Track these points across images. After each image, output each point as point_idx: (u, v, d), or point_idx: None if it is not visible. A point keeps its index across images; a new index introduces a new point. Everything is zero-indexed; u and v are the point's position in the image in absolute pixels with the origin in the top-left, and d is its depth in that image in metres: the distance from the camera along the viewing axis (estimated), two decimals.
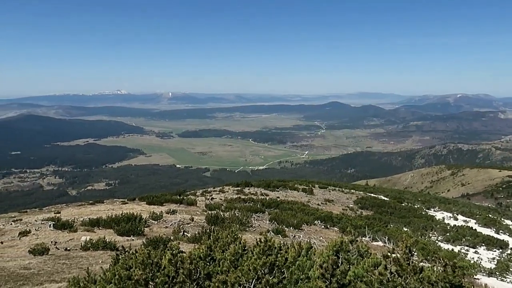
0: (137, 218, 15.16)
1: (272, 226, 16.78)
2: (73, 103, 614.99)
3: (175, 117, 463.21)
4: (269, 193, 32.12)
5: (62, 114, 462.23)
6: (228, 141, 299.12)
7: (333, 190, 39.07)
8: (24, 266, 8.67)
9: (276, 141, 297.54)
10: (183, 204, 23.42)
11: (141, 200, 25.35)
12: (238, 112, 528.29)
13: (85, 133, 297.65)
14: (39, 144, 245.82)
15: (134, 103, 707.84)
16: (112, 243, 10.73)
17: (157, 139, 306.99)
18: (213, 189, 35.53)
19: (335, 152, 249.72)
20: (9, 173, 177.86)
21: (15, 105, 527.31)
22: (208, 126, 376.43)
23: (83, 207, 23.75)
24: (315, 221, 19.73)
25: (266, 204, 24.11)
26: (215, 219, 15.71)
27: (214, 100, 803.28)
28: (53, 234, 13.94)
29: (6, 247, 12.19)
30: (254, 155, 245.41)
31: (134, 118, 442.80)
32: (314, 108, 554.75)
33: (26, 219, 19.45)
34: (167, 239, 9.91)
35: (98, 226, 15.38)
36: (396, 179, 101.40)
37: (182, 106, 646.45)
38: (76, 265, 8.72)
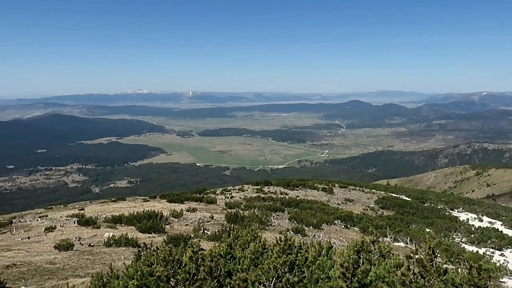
0: (158, 216, 15.38)
1: (291, 225, 16.74)
2: (96, 103, 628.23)
3: (195, 116, 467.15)
4: (288, 192, 32.06)
5: (86, 113, 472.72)
6: (248, 140, 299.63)
7: (353, 190, 38.67)
8: (49, 261, 8.91)
9: (295, 140, 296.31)
10: (203, 202, 23.63)
11: (162, 198, 25.72)
12: (258, 111, 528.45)
13: (107, 131, 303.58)
14: (64, 142, 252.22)
15: (155, 102, 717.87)
16: (134, 240, 10.91)
17: (177, 138, 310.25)
18: (233, 188, 35.71)
19: (356, 151, 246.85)
20: (35, 171, 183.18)
21: (41, 105, 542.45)
22: (227, 125, 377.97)
23: (106, 204, 24.26)
24: (335, 220, 19.58)
25: (286, 203, 24.08)
26: (234, 218, 15.78)
27: (234, 99, 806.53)
28: (77, 230, 14.29)
29: (33, 242, 12.57)
30: (274, 154, 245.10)
31: (155, 117, 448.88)
32: (334, 106, 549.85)
33: (52, 215, 20.01)
34: (187, 236, 10.01)
35: (120, 223, 15.68)
36: (418, 179, 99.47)
37: (202, 105, 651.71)
38: (99, 261, 8.91)
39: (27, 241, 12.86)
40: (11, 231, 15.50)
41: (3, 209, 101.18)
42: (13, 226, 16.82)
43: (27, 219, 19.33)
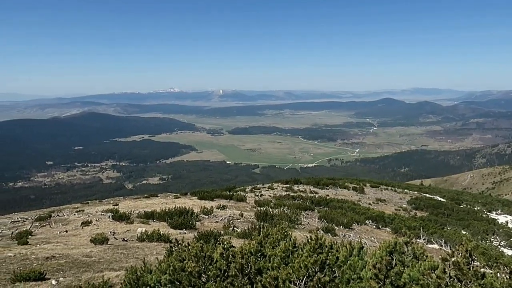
0: (189, 212, 15.63)
1: (321, 224, 16.59)
2: (130, 101, 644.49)
3: (226, 114, 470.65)
4: (318, 191, 31.79)
5: (120, 111, 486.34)
6: (278, 138, 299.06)
7: (385, 190, 37.87)
8: (86, 254, 9.24)
9: (326, 138, 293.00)
10: (233, 200, 23.80)
11: (193, 195, 26.10)
12: (288, 109, 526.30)
13: (141, 129, 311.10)
14: (99, 140, 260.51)
15: (186, 101, 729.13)
16: (165, 236, 11.14)
17: (208, 136, 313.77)
18: (262, 186, 35.78)
19: (388, 150, 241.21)
20: (72, 167, 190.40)
21: (78, 104, 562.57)
22: (257, 123, 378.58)
23: (139, 200, 24.88)
24: (366, 220, 19.25)
25: (316, 202, 23.89)
26: (264, 216, 15.81)
27: (264, 97, 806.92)
28: (111, 225, 14.74)
29: (70, 235, 13.07)
30: (304, 152, 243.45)
31: (186, 115, 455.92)
32: (366, 104, 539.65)
33: (88, 210, 20.73)
34: (217, 233, 10.12)
35: (153, 218, 16.04)
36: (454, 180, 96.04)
37: (233, 103, 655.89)
38: (132, 255, 9.15)
39: (65, 235, 13.39)
40: (50, 225, 16.18)
41: (43, 203, 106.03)
42: (52, 220, 17.55)
43: (65, 213, 20.10)
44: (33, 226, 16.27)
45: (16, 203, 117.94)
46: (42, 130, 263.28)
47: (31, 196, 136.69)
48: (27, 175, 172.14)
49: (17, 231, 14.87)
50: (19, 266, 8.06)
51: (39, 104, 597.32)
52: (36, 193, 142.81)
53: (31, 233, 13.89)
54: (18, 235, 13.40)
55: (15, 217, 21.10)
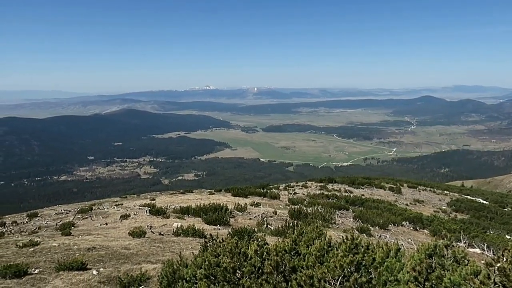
0: (223, 209, 15.82)
1: (356, 224, 16.32)
2: (167, 98, 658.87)
3: (260, 112, 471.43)
4: (353, 190, 31.28)
5: (157, 108, 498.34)
6: (312, 136, 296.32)
7: (423, 190, 36.70)
8: (124, 246, 9.55)
9: (361, 137, 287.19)
10: (266, 197, 23.85)
11: (227, 192, 26.38)
12: (323, 107, 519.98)
13: (177, 126, 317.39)
14: (138, 136, 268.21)
15: (221, 98, 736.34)
16: (200, 231, 11.33)
17: (242, 133, 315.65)
18: (296, 184, 35.61)
19: (427, 150, 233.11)
20: (112, 162, 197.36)
21: (118, 101, 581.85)
22: (292, 121, 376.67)
23: (175, 196, 25.44)
24: (403, 221, 18.74)
25: (350, 201, 23.53)
26: (298, 214, 15.74)
27: (298, 95, 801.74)
28: (149, 219, 15.17)
29: (110, 228, 13.56)
30: (338, 151, 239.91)
31: (221, 113, 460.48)
32: (404, 102, 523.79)
33: (126, 204, 21.43)
34: (251, 230, 10.16)
35: (188, 214, 16.36)
36: (498, 181, 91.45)
37: (267, 101, 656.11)
38: (168, 249, 9.37)
39: (105, 227, 13.91)
40: (91, 217, 16.86)
41: (84, 196, 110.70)
42: (93, 213, 18.28)
43: (105, 206, 20.88)
44: (75, 218, 17.02)
45: (60, 196, 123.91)
46: (84, 126, 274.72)
47: (74, 189, 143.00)
48: (70, 169, 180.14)
49: (61, 222, 15.61)
50: (62, 255, 8.45)
51: (82, 101, 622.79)
52: (78, 187, 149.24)
53: (74, 224, 14.54)
54: (62, 226, 14.07)
55: (59, 209, 22.16)
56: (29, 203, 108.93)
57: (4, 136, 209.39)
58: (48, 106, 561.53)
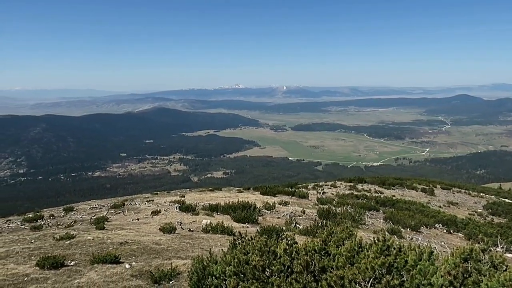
0: (251, 207, 15.88)
1: (386, 226, 16.00)
2: (197, 97, 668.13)
3: (289, 111, 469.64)
4: (383, 191, 30.67)
5: (187, 107, 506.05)
6: (341, 135, 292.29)
7: (457, 192, 35.48)
8: (155, 241, 9.77)
9: (393, 136, 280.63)
10: (294, 196, 23.76)
11: (255, 190, 26.46)
12: (353, 106, 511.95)
13: (206, 125, 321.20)
14: (168, 134, 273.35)
15: (251, 97, 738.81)
16: (229, 228, 11.42)
17: (271, 132, 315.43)
18: (325, 183, 35.27)
19: (462, 150, 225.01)
20: (143, 159, 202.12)
21: (150, 99, 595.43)
22: (321, 120, 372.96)
23: (204, 193, 25.76)
24: (435, 224, 18.20)
25: (381, 202, 23.09)
26: (326, 214, 15.59)
27: (328, 94, 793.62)
28: (178, 215, 15.44)
29: (141, 223, 13.90)
30: (369, 150, 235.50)
31: (250, 111, 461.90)
32: (438, 101, 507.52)
33: (157, 200, 21.90)
34: (279, 229, 10.16)
35: (217, 211, 16.53)
36: None
37: (296, 100, 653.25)
38: (198, 245, 9.51)
39: (136, 222, 14.28)
40: (123, 212, 17.34)
41: (117, 192, 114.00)
42: (125, 208, 18.80)
43: (136, 202, 21.42)
44: (108, 213, 17.56)
45: (94, 191, 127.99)
46: (117, 124, 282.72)
47: (107, 185, 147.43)
48: (104, 166, 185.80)
49: (95, 216, 16.14)
50: (97, 249, 8.74)
51: (115, 99, 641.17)
52: (111, 183, 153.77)
53: (107, 219, 15.00)
54: (96, 220, 14.54)
55: (93, 203, 22.92)
56: (65, 198, 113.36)
57: (43, 133, 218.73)
58: (83, 104, 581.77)
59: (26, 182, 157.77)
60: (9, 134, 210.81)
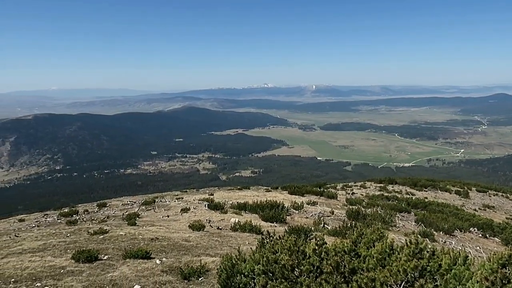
0: (279, 206, 15.86)
1: (418, 228, 15.59)
2: (226, 96, 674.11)
3: (318, 110, 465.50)
4: (415, 193, 29.95)
5: (216, 106, 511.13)
6: (372, 135, 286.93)
7: (494, 195, 34.14)
8: (185, 238, 9.93)
9: (425, 136, 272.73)
10: (323, 196, 23.54)
11: (283, 189, 26.41)
12: (384, 105, 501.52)
13: (235, 124, 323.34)
14: (197, 133, 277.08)
15: (279, 96, 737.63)
16: (257, 227, 11.45)
17: (299, 131, 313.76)
18: (354, 184, 34.81)
19: (499, 152, 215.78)
20: (173, 157, 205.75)
21: (180, 98, 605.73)
22: (351, 119, 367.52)
23: (232, 192, 25.96)
24: (470, 227, 17.57)
25: (412, 203, 22.55)
26: (356, 215, 15.37)
27: (358, 93, 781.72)
28: (207, 213, 15.62)
29: (171, 220, 14.16)
30: (400, 151, 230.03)
31: (278, 111, 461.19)
32: (474, 101, 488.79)
33: (186, 197, 22.25)
34: (308, 229, 10.09)
35: (245, 210, 16.61)
36: None
37: (325, 99, 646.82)
38: (226, 243, 9.59)
39: (166, 219, 14.55)
40: (154, 209, 17.72)
41: (147, 189, 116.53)
42: (155, 205, 19.20)
43: (166, 199, 21.84)
44: (140, 209, 17.99)
45: (125, 188, 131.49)
46: (148, 123, 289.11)
47: (138, 182, 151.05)
48: (135, 163, 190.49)
49: (127, 212, 16.58)
50: (128, 244, 8.98)
51: (146, 99, 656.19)
52: (142, 180, 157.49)
53: (138, 215, 15.37)
54: (127, 216, 14.93)
55: (125, 200, 23.54)
56: (98, 194, 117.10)
57: (78, 131, 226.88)
58: (116, 103, 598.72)
59: (62, 178, 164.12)
60: (47, 132, 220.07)
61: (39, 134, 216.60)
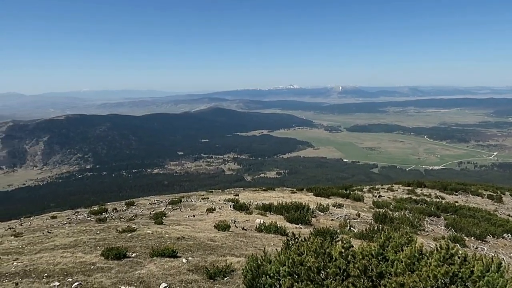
0: (305, 208, 15.77)
1: (448, 233, 15.15)
2: (251, 97, 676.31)
3: (344, 111, 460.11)
4: (445, 196, 29.12)
5: (242, 107, 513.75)
6: (400, 137, 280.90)
7: None
8: (210, 238, 10.02)
9: (456, 139, 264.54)
10: (349, 198, 23.25)
11: (309, 191, 26.23)
12: (413, 106, 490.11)
13: (260, 125, 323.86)
14: (223, 133, 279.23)
15: (305, 97, 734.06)
16: (282, 229, 11.42)
17: (325, 133, 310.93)
18: (381, 187, 34.21)
19: None
20: (199, 158, 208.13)
21: (206, 99, 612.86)
22: (378, 121, 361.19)
23: (257, 193, 25.99)
24: (504, 233, 16.90)
25: (442, 207, 21.92)
26: (383, 218, 15.09)
27: (386, 94, 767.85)
28: (232, 214, 15.71)
29: (197, 220, 14.32)
30: (429, 153, 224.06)
31: (304, 112, 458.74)
32: (508, 101, 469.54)
33: (212, 198, 22.44)
34: (333, 231, 9.99)
35: (270, 211, 16.60)
36: None
37: (352, 100, 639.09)
38: (251, 244, 9.61)
39: (192, 219, 14.72)
40: (180, 209, 17.96)
41: (174, 188, 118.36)
42: (182, 205, 19.46)
43: (192, 199, 22.09)
44: (166, 208, 18.28)
45: (152, 187, 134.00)
46: (175, 123, 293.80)
47: (165, 182, 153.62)
48: (162, 163, 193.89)
49: (154, 211, 16.89)
50: (155, 242, 9.15)
51: (173, 100, 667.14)
52: (168, 179, 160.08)
53: (165, 214, 15.62)
54: (155, 215, 15.21)
55: (152, 199, 23.99)
56: (126, 192, 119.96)
57: (108, 131, 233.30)
58: (144, 104, 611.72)
59: (92, 177, 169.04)
60: (78, 132, 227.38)
61: (70, 134, 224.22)
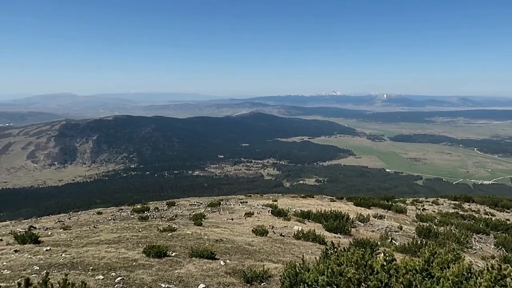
0: (344, 217, 15.46)
1: (498, 252, 14.28)
2: (293, 103, 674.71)
3: (388, 120, 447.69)
4: (495, 213, 27.52)
5: (283, 113, 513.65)
6: (447, 149, 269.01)
7: None
8: (248, 242, 10.05)
9: (509, 152, 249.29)
10: (391, 210, 22.59)
11: (349, 200, 25.73)
12: (462, 117, 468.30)
13: (301, 131, 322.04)
14: (263, 138, 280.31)
15: (348, 104, 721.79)
16: (321, 237, 11.26)
17: (367, 141, 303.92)
18: (425, 199, 32.96)
19: None
20: (239, 162, 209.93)
21: (248, 104, 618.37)
22: (424, 131, 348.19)
23: (296, 199, 25.82)
24: None
25: (492, 225, 20.72)
26: (427, 232, 14.50)
27: (433, 103, 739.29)
28: (270, 219, 15.69)
29: (235, 223, 14.43)
30: (479, 167, 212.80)
31: (346, 119, 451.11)
32: None
33: (250, 202, 22.54)
34: (374, 243, 9.72)
35: (308, 218, 16.43)
36: None
37: (397, 109, 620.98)
38: (289, 251, 9.54)
39: (230, 222, 14.86)
40: (219, 211, 18.18)
41: (213, 191, 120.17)
42: (220, 207, 19.70)
43: (231, 202, 22.31)
44: (205, 210, 18.57)
45: (192, 189, 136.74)
46: (217, 127, 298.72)
47: (205, 184, 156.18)
48: (203, 166, 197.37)
49: (193, 213, 17.21)
50: (194, 243, 9.30)
51: (216, 104, 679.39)
52: (208, 182, 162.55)
53: (204, 216, 15.87)
54: (194, 216, 15.49)
55: (192, 200, 24.46)
56: (167, 193, 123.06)
57: (152, 132, 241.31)
58: (188, 107, 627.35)
59: (135, 176, 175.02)
60: (125, 132, 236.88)
61: (118, 134, 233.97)
